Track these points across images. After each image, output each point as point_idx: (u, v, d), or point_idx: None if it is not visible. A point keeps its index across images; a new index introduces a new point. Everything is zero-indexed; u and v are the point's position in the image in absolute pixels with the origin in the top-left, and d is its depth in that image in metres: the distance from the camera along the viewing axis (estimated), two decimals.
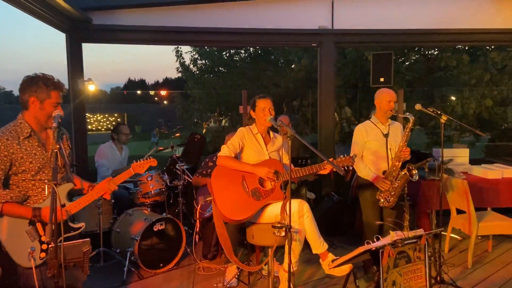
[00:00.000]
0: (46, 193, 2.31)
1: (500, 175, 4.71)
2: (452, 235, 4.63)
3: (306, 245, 3.28)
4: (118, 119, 23.46)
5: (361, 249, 2.19)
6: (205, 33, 5.34)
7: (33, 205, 2.32)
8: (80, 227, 2.46)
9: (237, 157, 3.40)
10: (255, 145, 3.38)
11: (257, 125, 3.43)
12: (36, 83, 2.30)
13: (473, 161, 5.21)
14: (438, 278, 3.56)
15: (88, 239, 2.14)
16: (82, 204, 2.42)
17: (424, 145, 9.61)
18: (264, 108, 3.32)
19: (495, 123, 8.67)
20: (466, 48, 9.08)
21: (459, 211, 4.26)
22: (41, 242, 2.26)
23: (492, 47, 8.56)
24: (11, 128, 2.32)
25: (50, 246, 1.88)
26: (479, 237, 4.77)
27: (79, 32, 5.06)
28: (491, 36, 5.74)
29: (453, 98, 8.69)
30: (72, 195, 2.56)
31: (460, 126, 8.74)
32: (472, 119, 8.08)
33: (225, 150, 3.29)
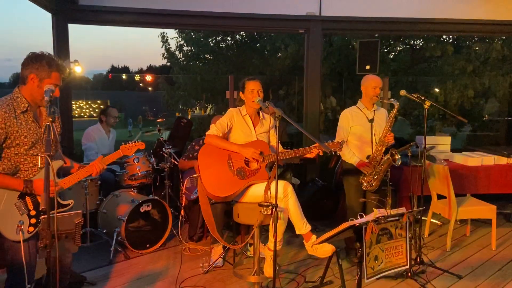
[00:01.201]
0: (39, 164, 2.31)
1: (479, 162, 4.86)
2: (432, 220, 4.77)
3: (290, 228, 3.36)
4: (101, 106, 23.17)
5: (345, 224, 2.26)
6: (192, 16, 5.31)
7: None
8: (69, 204, 2.48)
9: (225, 137, 3.44)
10: (243, 126, 3.42)
11: (246, 106, 3.47)
12: (40, 61, 2.29)
13: (454, 151, 5.35)
14: (418, 259, 3.68)
15: (80, 211, 2.17)
16: (72, 181, 2.43)
17: (408, 135, 9.79)
18: (253, 90, 3.35)
19: (476, 113, 8.88)
20: (451, 39, 9.24)
21: (440, 197, 4.39)
22: (30, 216, 2.28)
23: (476, 39, 8.73)
24: (7, 101, 2.31)
25: (42, 217, 1.90)
26: (458, 222, 4.93)
27: (65, 12, 4.98)
28: (475, 27, 5.85)
29: (436, 90, 8.85)
30: (60, 174, 2.57)
31: (442, 116, 8.94)
32: (454, 109, 8.25)
33: (213, 129, 3.33)
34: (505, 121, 9.51)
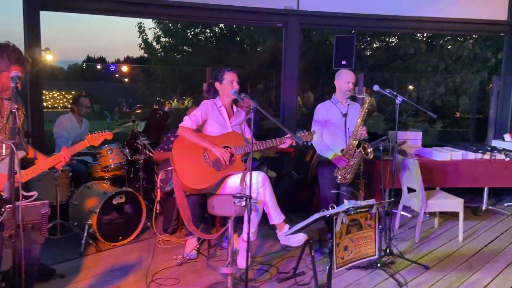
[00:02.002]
0: (4, 152, 2.25)
1: (448, 157, 5.00)
2: (402, 212, 4.89)
3: (264, 221, 3.38)
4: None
5: (316, 215, 2.30)
6: (169, 6, 5.24)
7: None
8: (32, 196, 2.41)
9: (200, 129, 3.42)
10: (218, 117, 3.41)
11: (222, 97, 3.46)
12: (1, 53, 2.21)
13: (425, 147, 5.48)
14: (388, 250, 3.78)
15: (46, 201, 2.12)
16: (34, 172, 2.37)
17: (382, 130, 9.97)
18: (232, 80, 3.35)
19: (447, 110, 9.13)
20: (424, 37, 9.44)
21: (410, 190, 4.51)
22: None
23: (449, 37, 8.95)
24: None
25: (7, 206, 1.85)
26: (427, 215, 5.07)
27: None
28: (447, 25, 6.00)
29: (410, 87, 9.05)
30: (24, 165, 2.49)
31: (415, 113, 9.15)
32: (426, 106, 8.46)
33: (187, 122, 3.30)
34: (474, 119, 9.82)
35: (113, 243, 4.03)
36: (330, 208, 2.44)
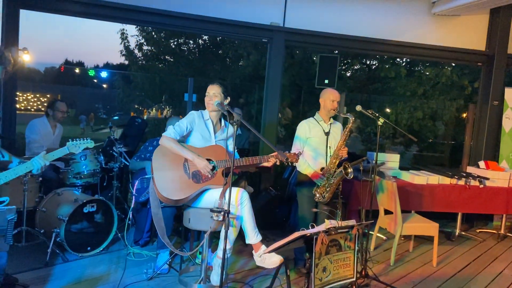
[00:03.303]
0: None
1: (425, 181, 5.06)
2: (378, 234, 4.88)
3: (240, 237, 3.29)
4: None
5: (296, 234, 2.24)
6: (153, 14, 5.16)
7: None
8: (3, 202, 2.27)
9: (183, 140, 3.33)
10: (203, 130, 3.33)
11: (208, 110, 3.40)
12: None
13: (402, 169, 5.54)
14: (363, 273, 3.74)
15: (13, 207, 1.99)
16: (8, 177, 2.24)
17: (359, 151, 10.08)
18: (208, 92, 3.30)
19: (424, 135, 9.30)
20: (404, 62, 9.67)
21: (387, 212, 4.51)
22: None
23: (427, 63, 9.19)
24: None
25: None
26: (402, 238, 5.09)
27: None
28: (426, 52, 6.14)
29: (388, 110, 9.20)
30: None
31: (392, 135, 9.29)
32: (404, 129, 8.59)
33: (171, 131, 3.21)
34: (449, 144, 10.04)
35: (81, 253, 3.86)
36: (310, 227, 2.39)
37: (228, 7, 5.40)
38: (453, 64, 8.84)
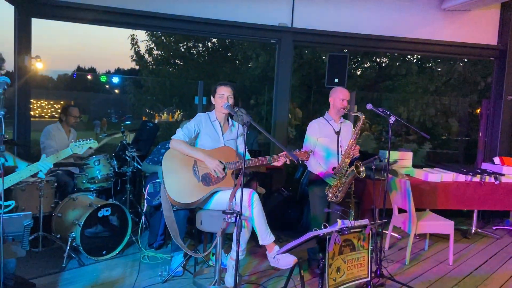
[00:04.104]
0: None
1: (439, 178, 4.99)
2: (392, 233, 4.84)
3: (253, 238, 3.30)
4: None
5: (309, 234, 2.23)
6: (162, 19, 5.23)
7: None
8: (10, 205, 2.30)
9: (192, 142, 3.35)
10: (211, 131, 3.35)
11: (216, 112, 3.41)
12: None
13: (415, 167, 5.48)
14: (378, 272, 3.71)
15: (29, 212, 2.02)
16: (13, 180, 2.27)
17: (372, 150, 10.01)
18: (222, 95, 3.30)
19: (437, 132, 9.20)
20: (415, 59, 9.58)
21: (400, 210, 4.47)
22: None
23: (439, 60, 9.09)
24: None
25: None
26: (417, 236, 5.04)
27: (29, 5, 4.78)
28: (438, 48, 6.09)
29: (400, 106, 9.12)
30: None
31: (405, 133, 9.21)
32: (417, 127, 8.50)
33: (180, 134, 3.24)
34: (463, 141, 9.92)
35: (96, 257, 3.90)
36: (322, 227, 2.38)
37: (235, 9, 5.43)
38: (465, 60, 8.73)
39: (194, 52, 11.36)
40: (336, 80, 5.54)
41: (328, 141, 3.82)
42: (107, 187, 4.45)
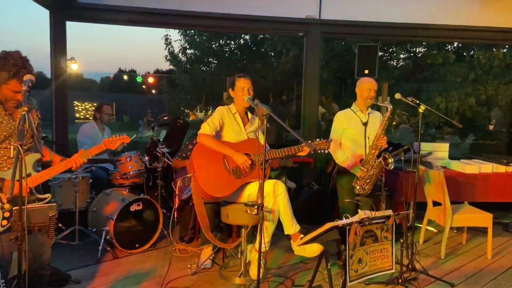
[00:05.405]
0: (11, 155, 2.26)
1: (477, 170, 4.78)
2: (428, 227, 4.68)
3: (281, 230, 3.29)
4: None
5: (328, 225, 2.20)
6: (191, 17, 5.30)
7: None
8: (45, 198, 2.40)
9: (218, 135, 3.38)
10: (233, 124, 3.37)
11: (235, 104, 3.42)
12: (2, 66, 2.23)
13: (452, 159, 5.26)
14: (410, 266, 3.60)
15: (54, 204, 2.12)
16: (49, 174, 2.38)
17: (410, 142, 9.71)
18: (243, 87, 3.31)
19: (478, 122, 8.79)
20: (453, 47, 9.19)
21: (436, 203, 4.32)
22: (3, 210, 2.22)
23: (477, 47, 8.67)
24: None
25: (14, 208, 1.85)
26: (455, 230, 4.85)
27: (63, 9, 4.99)
28: (476, 34, 5.80)
29: (438, 96, 8.76)
30: (35, 167, 2.50)
31: (444, 124, 8.86)
32: (455, 118, 8.16)
33: (206, 128, 3.25)
34: (508, 131, 9.40)
35: (130, 250, 4.03)
36: (344, 218, 2.34)
37: (263, 3, 5.42)
38: (507, 46, 8.27)
39: (227, 49, 11.46)
40: (366, 71, 5.42)
41: (355, 133, 3.75)
42: (140, 182, 4.58)
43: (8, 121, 2.32)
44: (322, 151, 3.14)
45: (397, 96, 3.64)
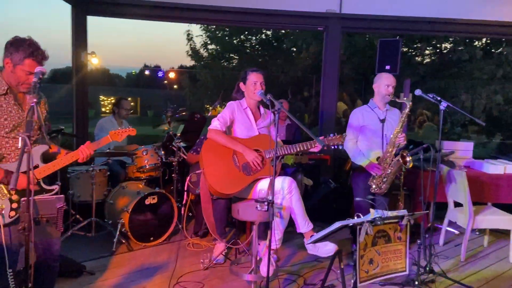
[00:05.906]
0: (19, 146, 2.28)
1: (502, 170, 4.59)
2: (449, 228, 4.54)
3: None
4: (132, 104, 23.54)
5: (338, 224, 2.14)
6: (211, 11, 5.28)
7: (5, 164, 2.30)
8: (53, 189, 2.41)
9: (228, 130, 3.35)
10: (244, 119, 3.33)
11: (246, 99, 3.38)
12: (17, 47, 2.24)
13: (477, 158, 5.08)
14: (428, 268, 3.50)
15: (62, 195, 2.13)
16: (56, 166, 2.39)
17: (433, 141, 9.46)
18: (256, 82, 3.26)
19: (506, 121, 8.47)
20: (481, 43, 8.87)
21: (457, 204, 4.17)
22: (11, 201, 2.24)
23: (505, 43, 8.34)
24: None
25: (22, 199, 1.87)
26: (477, 232, 4.70)
27: (84, 4, 5.05)
28: (505, 30, 5.56)
29: (463, 93, 8.49)
30: (48, 159, 2.51)
31: (469, 123, 8.58)
32: (482, 116, 7.88)
33: (216, 123, 3.23)
34: None
35: (144, 243, 4.06)
36: (355, 217, 2.27)
37: None
38: None
39: (247, 45, 11.42)
40: (387, 67, 5.28)
41: (372, 130, 3.65)
42: (156, 176, 4.60)
43: (17, 111, 2.33)
44: (336, 146, 3.06)
45: (418, 92, 3.53)
